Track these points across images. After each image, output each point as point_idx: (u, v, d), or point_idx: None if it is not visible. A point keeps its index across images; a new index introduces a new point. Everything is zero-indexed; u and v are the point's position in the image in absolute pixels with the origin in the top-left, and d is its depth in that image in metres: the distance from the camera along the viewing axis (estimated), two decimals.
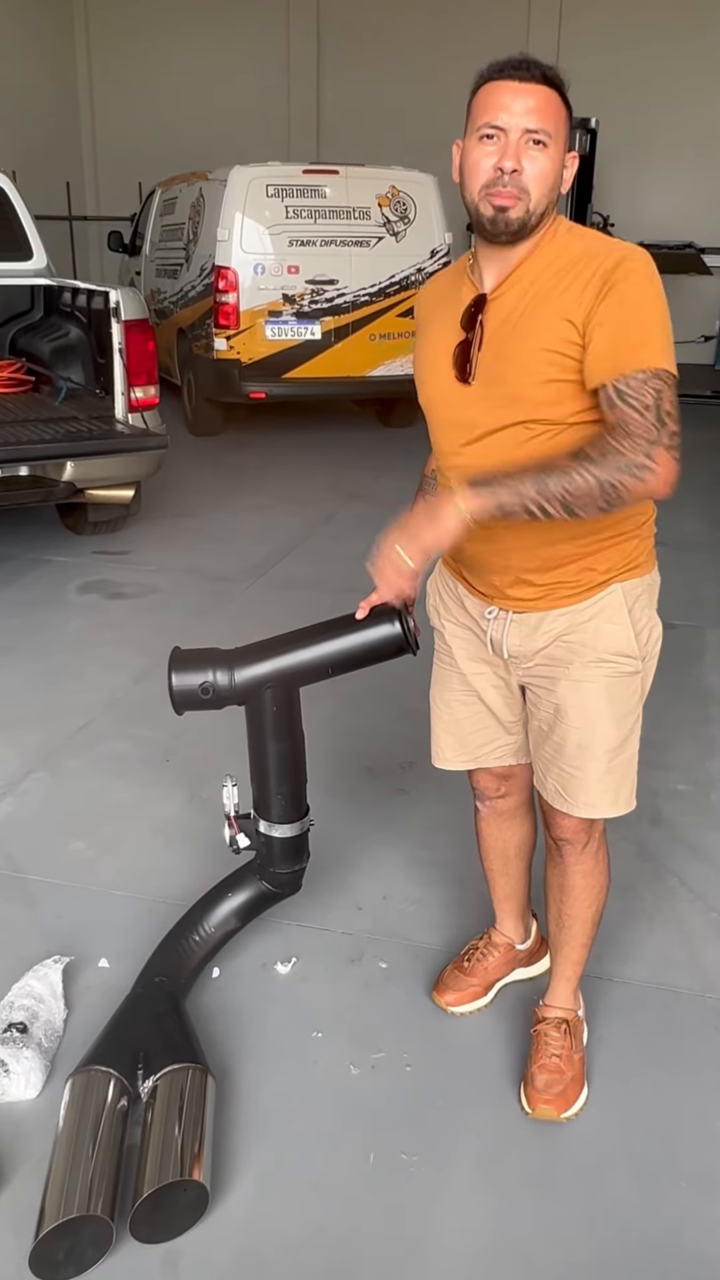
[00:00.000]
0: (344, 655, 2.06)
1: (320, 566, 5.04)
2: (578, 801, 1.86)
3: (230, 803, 2.19)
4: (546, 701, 1.84)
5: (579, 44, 11.34)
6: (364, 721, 3.44)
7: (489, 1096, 2.02)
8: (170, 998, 2.11)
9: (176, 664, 2.06)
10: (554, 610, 1.78)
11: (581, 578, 1.75)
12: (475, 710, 1.98)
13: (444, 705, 2.02)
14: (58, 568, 5.04)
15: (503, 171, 1.54)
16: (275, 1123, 1.96)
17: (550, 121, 1.54)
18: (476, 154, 1.57)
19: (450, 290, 1.76)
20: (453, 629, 1.95)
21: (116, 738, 3.38)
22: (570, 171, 1.61)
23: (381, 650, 2.04)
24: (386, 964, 2.37)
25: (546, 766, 1.88)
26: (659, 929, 2.50)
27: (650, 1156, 1.90)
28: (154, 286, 8.89)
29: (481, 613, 1.87)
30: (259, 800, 2.18)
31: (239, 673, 2.04)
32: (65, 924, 2.49)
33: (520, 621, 1.81)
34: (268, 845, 2.19)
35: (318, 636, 2.07)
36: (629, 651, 1.78)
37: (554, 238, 1.63)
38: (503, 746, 2.02)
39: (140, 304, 5.07)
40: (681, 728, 3.46)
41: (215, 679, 2.04)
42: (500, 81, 1.55)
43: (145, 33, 13.03)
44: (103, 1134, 1.80)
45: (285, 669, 2.06)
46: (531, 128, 1.53)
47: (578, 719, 1.80)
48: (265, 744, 2.11)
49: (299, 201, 7.33)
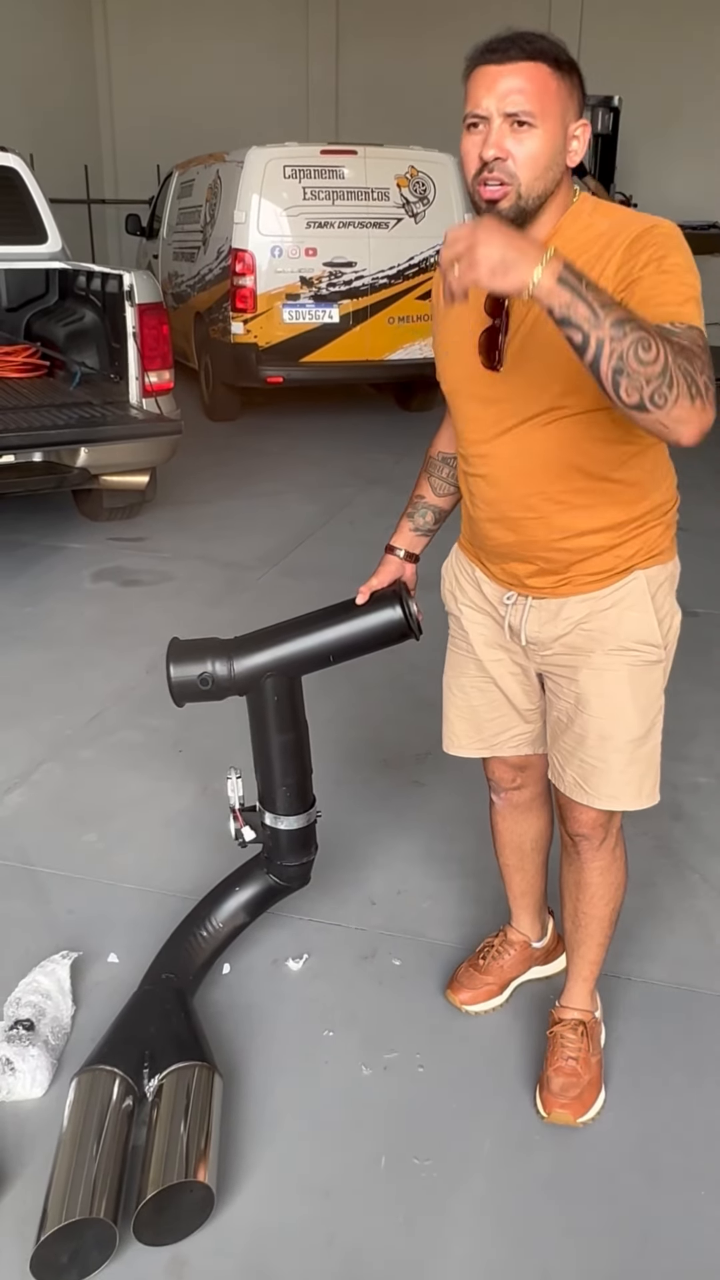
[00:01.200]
0: (345, 642, 2.02)
1: (337, 554, 4.98)
2: (600, 793, 1.80)
3: (235, 795, 2.14)
4: (567, 690, 1.79)
5: (602, 19, 11.16)
6: (379, 712, 3.39)
7: (504, 1099, 1.97)
8: (178, 995, 2.07)
9: (175, 655, 2.03)
10: (575, 596, 1.73)
11: (606, 565, 1.70)
12: (492, 697, 1.93)
13: (459, 691, 1.97)
14: (72, 555, 5.00)
15: (485, 161, 1.48)
16: (284, 1124, 1.92)
17: (534, 100, 1.45)
18: (466, 144, 1.51)
19: None
20: (470, 614, 1.90)
21: (129, 728, 3.35)
22: (581, 142, 1.52)
23: (383, 636, 2.01)
24: (400, 961, 2.32)
25: (566, 758, 1.83)
26: (679, 927, 2.44)
27: (670, 1163, 1.85)
28: (171, 270, 8.83)
29: (500, 597, 1.82)
30: (264, 792, 2.14)
31: (238, 663, 2.01)
32: (75, 918, 2.45)
33: (540, 607, 1.76)
34: (274, 838, 2.15)
35: (318, 623, 2.03)
36: (652, 640, 1.73)
37: (578, 216, 1.56)
38: (519, 735, 1.96)
39: (155, 287, 5.01)
40: (702, 718, 3.39)
41: (214, 669, 2.00)
42: (480, 67, 1.48)
43: (163, 14, 12.93)
44: (107, 1134, 1.77)
45: (285, 657, 2.02)
46: (511, 111, 1.45)
47: (600, 709, 1.75)
48: (268, 735, 2.07)
49: (317, 183, 7.23)
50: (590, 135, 1.55)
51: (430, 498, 2.02)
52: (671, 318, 1.39)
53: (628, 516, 1.67)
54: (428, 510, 2.02)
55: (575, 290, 1.26)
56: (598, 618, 1.72)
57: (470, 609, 1.89)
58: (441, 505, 2.02)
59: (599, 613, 1.72)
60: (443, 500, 2.01)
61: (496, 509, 1.72)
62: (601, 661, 1.73)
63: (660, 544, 1.73)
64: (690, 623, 1.86)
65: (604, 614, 1.72)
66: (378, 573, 2.04)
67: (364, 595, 2.02)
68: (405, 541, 2.04)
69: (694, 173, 11.43)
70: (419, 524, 2.03)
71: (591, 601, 1.72)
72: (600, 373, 1.28)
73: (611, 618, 1.72)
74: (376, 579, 2.03)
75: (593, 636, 1.73)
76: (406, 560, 2.05)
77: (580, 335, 1.27)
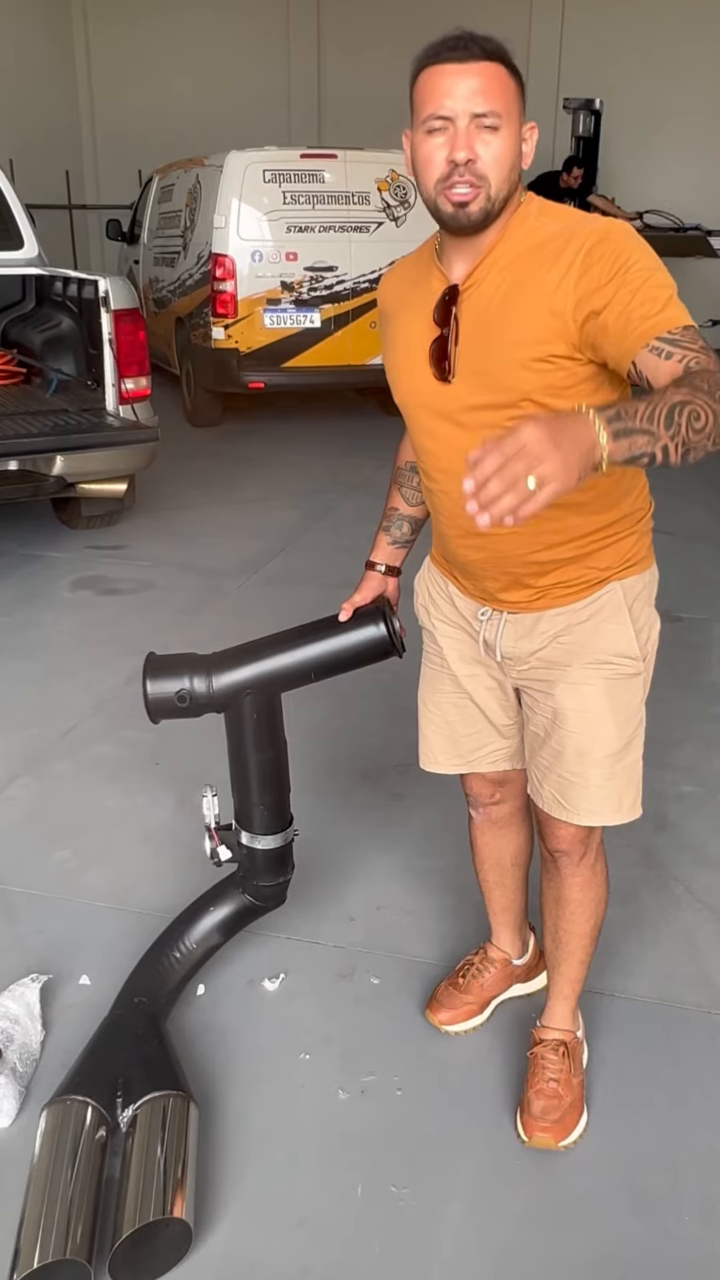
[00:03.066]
0: (327, 659, 1.97)
1: (318, 560, 4.94)
2: (578, 809, 1.76)
3: (210, 814, 2.09)
4: (544, 705, 1.74)
5: (584, 23, 11.14)
6: (358, 723, 3.34)
7: (484, 1123, 1.93)
8: (150, 1019, 2.01)
9: (151, 671, 1.98)
10: (550, 610, 1.69)
11: (579, 576, 1.66)
12: (468, 713, 1.89)
13: (435, 707, 1.93)
14: (50, 563, 4.94)
15: (456, 164, 1.43)
16: (259, 1152, 1.87)
17: (499, 100, 1.42)
18: (427, 148, 1.45)
19: (417, 280, 1.64)
20: (444, 629, 1.85)
21: (105, 741, 3.29)
22: (530, 145, 1.49)
23: (366, 653, 1.97)
24: (379, 979, 2.27)
25: (544, 773, 1.78)
26: (664, 940, 2.40)
27: (654, 1188, 1.80)
28: (152, 275, 8.77)
29: (474, 612, 1.77)
30: (240, 811, 2.09)
31: (217, 679, 1.96)
32: (46, 938, 2.40)
33: (515, 622, 1.72)
34: (250, 857, 2.10)
35: (299, 640, 1.99)
36: (630, 652, 1.69)
37: (525, 219, 1.51)
38: (497, 751, 1.92)
39: (131, 293, 4.96)
40: (688, 725, 3.35)
41: (192, 686, 1.95)
42: (439, 66, 1.42)
43: (144, 18, 12.85)
44: (80, 1168, 1.71)
45: (265, 674, 1.97)
46: (479, 111, 1.41)
47: (577, 723, 1.71)
48: (246, 753, 2.02)
49: (297, 187, 7.19)
50: (536, 137, 1.51)
51: (404, 508, 1.98)
52: (663, 327, 1.35)
53: (597, 525, 1.63)
54: (403, 521, 1.98)
55: (629, 430, 1.18)
56: (574, 630, 1.68)
57: (444, 624, 1.85)
58: (416, 515, 1.98)
59: (575, 625, 1.68)
60: (416, 510, 1.97)
61: (462, 525, 1.67)
62: (578, 675, 1.69)
63: (635, 553, 1.69)
64: (674, 628, 1.83)
65: (580, 627, 1.68)
66: (360, 589, 2.00)
67: (347, 612, 1.98)
68: (384, 556, 2.00)
69: (676, 175, 11.42)
70: (396, 536, 1.99)
71: (568, 615, 1.68)
72: (670, 465, 1.23)
73: (588, 630, 1.68)
74: (359, 595, 1.99)
75: (570, 650, 1.69)
76: (388, 575, 2.00)
77: (649, 458, 1.21)
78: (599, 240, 1.42)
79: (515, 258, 1.50)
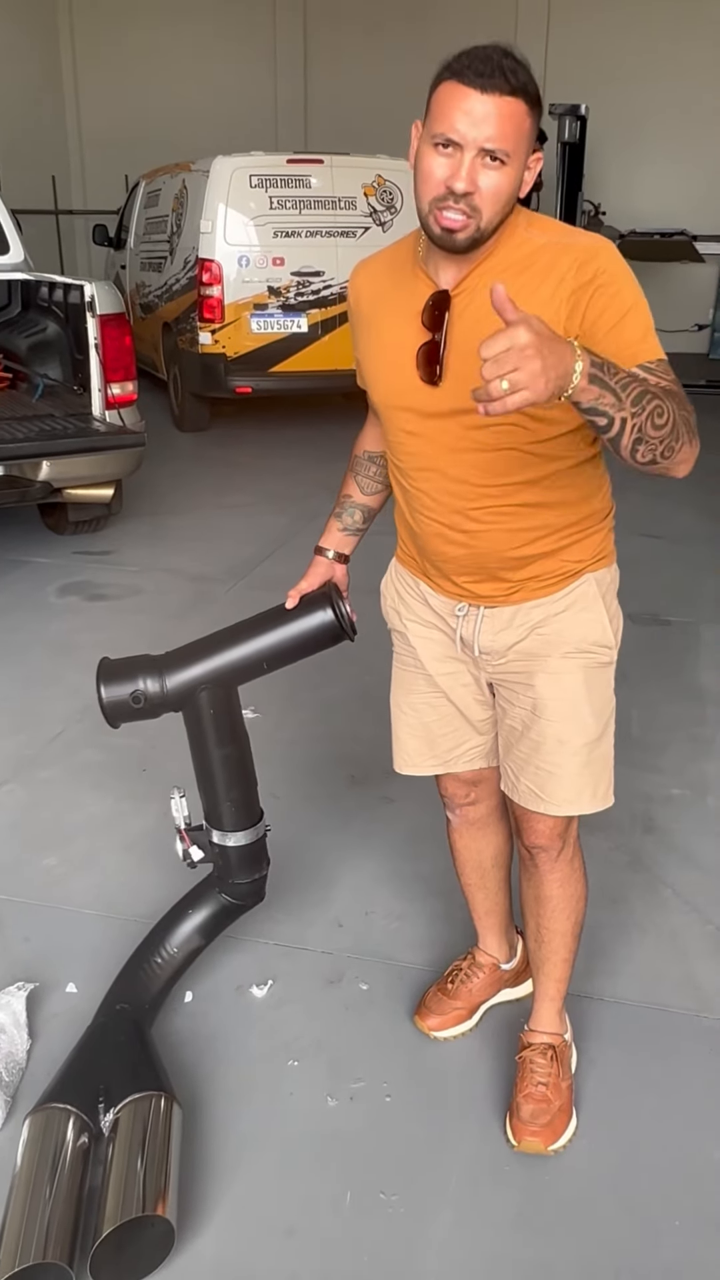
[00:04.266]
0: (278, 648, 1.98)
1: (305, 565, 4.91)
2: (556, 799, 1.77)
3: (180, 815, 2.08)
4: (523, 698, 1.75)
5: (568, 30, 11.19)
6: (345, 728, 3.33)
7: (473, 1128, 1.92)
8: (134, 1026, 2.00)
9: (104, 675, 1.98)
10: (528, 603, 1.71)
11: (555, 569, 1.69)
12: (444, 712, 1.89)
13: (409, 709, 1.92)
14: (38, 569, 4.92)
15: (453, 191, 1.43)
16: (247, 1159, 1.86)
17: (510, 139, 1.41)
18: (429, 161, 1.45)
19: (398, 280, 1.64)
20: (416, 629, 1.85)
21: (92, 747, 3.27)
22: (533, 174, 1.50)
23: (317, 639, 1.98)
24: (368, 985, 2.27)
25: (520, 767, 1.79)
26: (651, 943, 2.40)
27: (644, 1192, 1.80)
28: (139, 280, 8.76)
29: (450, 610, 1.78)
30: (209, 810, 2.08)
31: (170, 678, 1.96)
32: (33, 946, 2.38)
33: (493, 616, 1.73)
34: (223, 856, 2.08)
35: (248, 631, 1.99)
36: (605, 641, 1.73)
37: (514, 230, 1.53)
38: (474, 749, 1.92)
39: (116, 298, 4.95)
40: (675, 729, 3.36)
41: (146, 687, 1.95)
42: (463, 85, 1.40)
43: (130, 24, 12.86)
44: (61, 1176, 1.70)
45: (218, 669, 1.98)
46: (490, 147, 1.41)
47: (557, 712, 1.72)
48: (208, 749, 2.01)
49: (283, 192, 7.19)
50: (539, 167, 1.51)
51: (358, 496, 1.98)
52: (640, 359, 1.42)
53: (571, 519, 1.67)
54: (356, 509, 1.99)
55: (603, 382, 1.25)
56: (552, 621, 1.71)
57: (417, 624, 1.85)
58: (370, 504, 1.99)
59: (553, 616, 1.71)
60: (371, 499, 1.98)
61: (444, 524, 1.68)
62: (558, 665, 1.72)
63: (604, 547, 1.74)
64: (662, 632, 1.84)
65: (558, 618, 1.71)
66: (307, 575, 2.00)
67: (294, 599, 1.98)
68: (334, 542, 2.00)
69: (661, 180, 11.47)
70: (347, 524, 1.99)
71: (545, 606, 1.71)
72: (620, 445, 1.32)
73: (566, 621, 1.71)
74: (306, 581, 1.99)
75: (548, 640, 1.71)
76: (336, 561, 2.01)
77: (606, 419, 1.28)
78: (589, 259, 1.46)
79: (506, 267, 1.51)
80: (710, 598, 4.50)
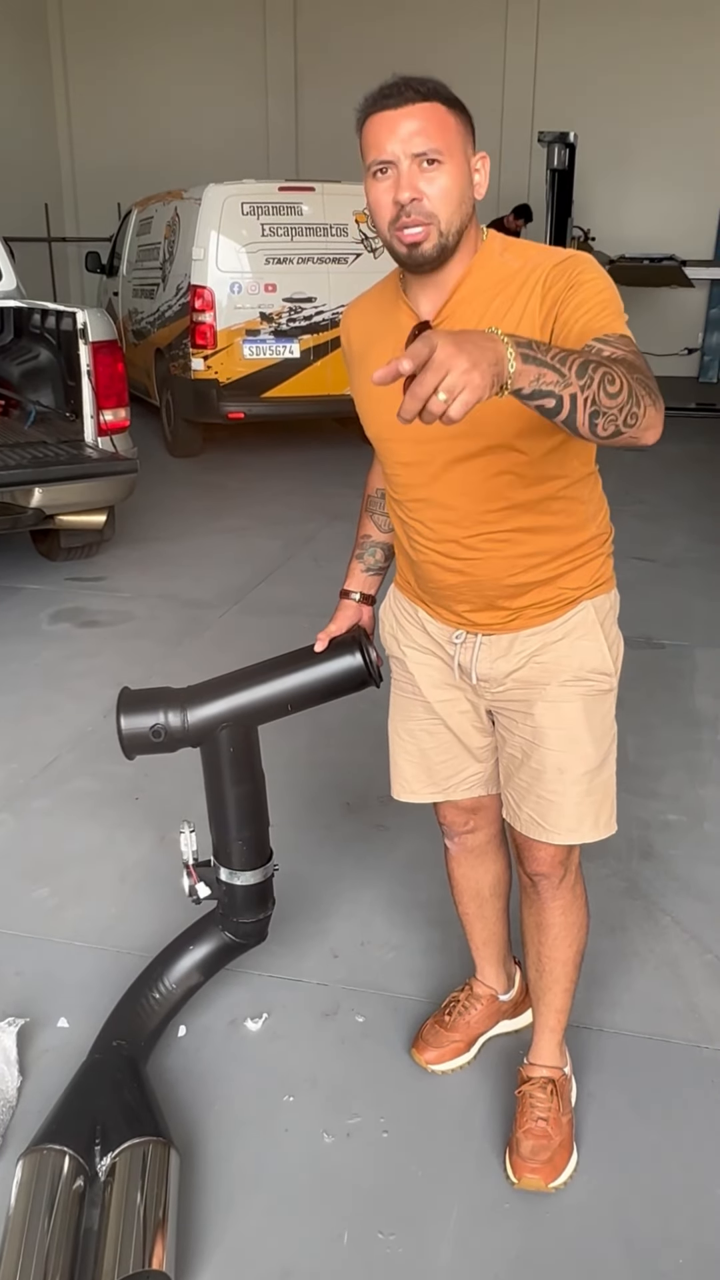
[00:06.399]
0: (303, 690, 1.95)
1: (300, 590, 4.92)
2: (559, 828, 1.75)
3: (189, 850, 2.06)
4: (522, 726, 1.74)
5: (556, 58, 11.33)
6: (341, 754, 3.31)
7: (472, 1165, 1.89)
8: (130, 1063, 1.97)
9: (125, 705, 1.94)
10: (526, 630, 1.70)
11: (554, 596, 1.68)
12: (442, 739, 1.87)
13: (407, 735, 1.90)
14: (30, 596, 4.90)
15: (401, 205, 1.45)
16: (242, 1199, 1.82)
17: (438, 137, 1.44)
18: (375, 192, 1.48)
19: (384, 317, 1.65)
20: (415, 655, 1.83)
21: (85, 775, 3.25)
22: (483, 175, 1.51)
23: (343, 683, 1.95)
24: (363, 1018, 2.23)
25: (521, 795, 1.77)
26: (651, 973, 2.37)
27: (646, 1228, 1.76)
28: (131, 307, 8.80)
29: (448, 637, 1.76)
30: (219, 847, 2.05)
31: (192, 713, 1.93)
32: (24, 980, 2.35)
33: (490, 644, 1.72)
34: (229, 894, 2.06)
35: (275, 671, 1.97)
36: (605, 669, 1.71)
37: (490, 257, 1.54)
38: (472, 776, 1.90)
39: (108, 325, 4.96)
40: (671, 754, 3.34)
41: (167, 720, 1.92)
42: (377, 114, 1.45)
43: (122, 53, 12.98)
44: (57, 1220, 1.67)
45: (241, 707, 1.95)
46: (419, 151, 1.43)
47: (557, 741, 1.71)
48: (223, 788, 1.99)
49: (275, 219, 7.24)
50: (489, 167, 1.53)
51: (376, 535, 1.97)
52: (601, 331, 1.39)
53: (570, 545, 1.66)
54: (376, 548, 1.97)
55: (539, 360, 1.19)
56: (550, 649, 1.69)
57: (415, 650, 1.83)
58: (388, 541, 1.98)
59: (551, 644, 1.69)
60: (389, 536, 1.97)
61: (439, 551, 1.67)
62: (556, 693, 1.70)
63: (603, 573, 1.73)
64: (657, 655, 1.82)
65: (556, 645, 1.69)
66: (335, 618, 1.99)
67: (322, 642, 1.97)
68: (359, 584, 1.99)
69: (650, 206, 11.58)
70: (369, 563, 1.98)
71: (543, 634, 1.69)
72: (577, 423, 1.24)
73: (564, 649, 1.69)
74: (335, 625, 1.98)
75: (547, 669, 1.70)
76: (362, 603, 1.99)
77: (553, 400, 1.21)
78: (558, 263, 1.48)
79: (482, 292, 1.52)
80: (704, 621, 4.49)
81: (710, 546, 5.49)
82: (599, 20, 11.19)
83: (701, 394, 10.44)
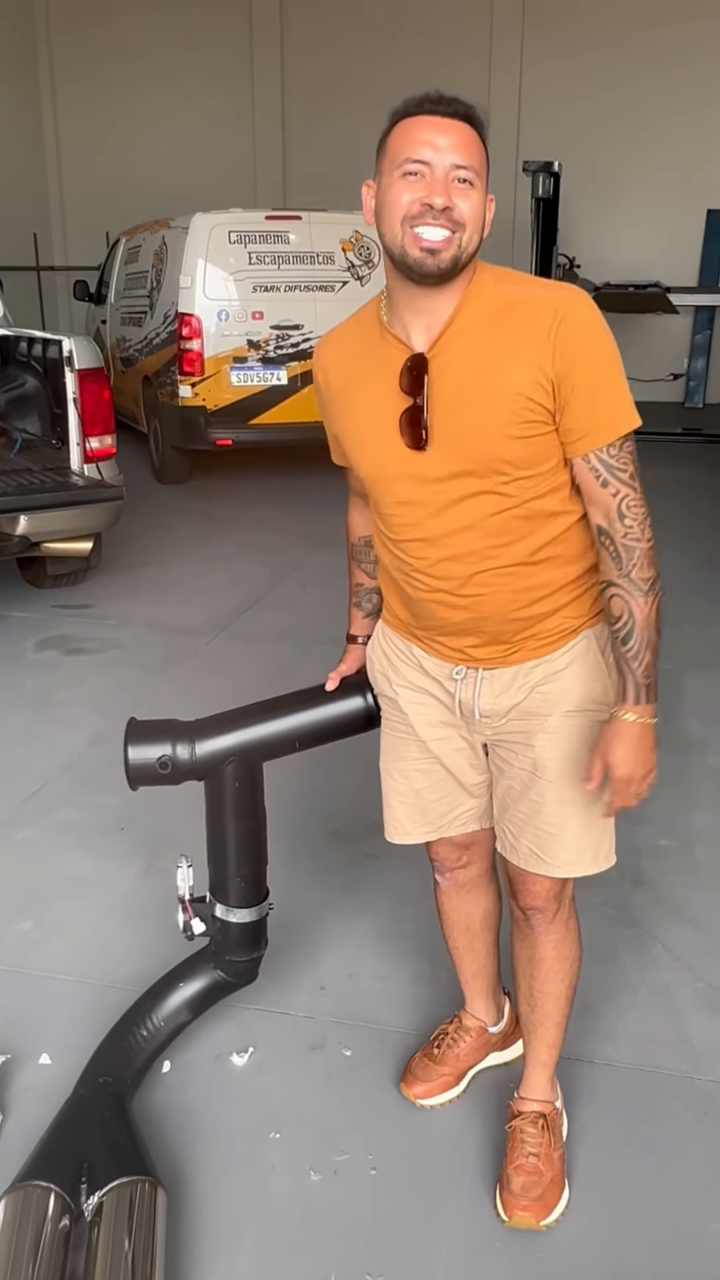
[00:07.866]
0: (312, 728, 1.95)
1: (287, 617, 4.90)
2: (559, 861, 1.72)
3: (185, 885, 2.03)
4: (522, 758, 1.71)
5: (541, 87, 11.46)
6: (329, 782, 3.28)
7: (462, 1202, 1.85)
8: (116, 1100, 1.93)
9: (134, 736, 1.92)
10: (528, 662, 1.67)
11: (556, 627, 1.66)
12: (436, 778, 1.84)
13: (400, 776, 1.87)
14: (15, 623, 4.88)
15: (432, 207, 1.43)
16: (229, 1239, 1.78)
17: (475, 160, 1.44)
18: (398, 190, 1.45)
19: (369, 352, 1.61)
20: (408, 694, 1.80)
21: (70, 805, 3.21)
22: (490, 215, 1.51)
23: (351, 724, 1.97)
24: (351, 1051, 2.20)
25: (520, 828, 1.74)
26: (643, 1002, 2.34)
27: (640, 1266, 1.73)
28: (119, 334, 8.83)
29: (448, 673, 1.73)
30: (216, 882, 2.02)
31: (200, 746, 1.91)
32: (5, 1015, 2.31)
33: (492, 678, 1.69)
34: (224, 931, 2.03)
35: (284, 708, 1.96)
36: (605, 699, 1.69)
37: (482, 286, 1.53)
38: (466, 813, 1.87)
39: (95, 353, 4.96)
40: (661, 779, 3.28)
41: (175, 752, 1.90)
42: (423, 116, 1.44)
43: (111, 83, 13.08)
44: (42, 1260, 1.62)
45: (249, 742, 1.93)
46: (459, 164, 1.43)
47: (558, 772, 1.68)
48: (225, 823, 1.96)
49: (262, 247, 7.28)
50: (494, 209, 1.53)
51: (368, 583, 1.96)
52: (614, 436, 1.51)
53: (572, 576, 1.64)
54: (371, 594, 1.96)
55: (650, 683, 1.62)
56: (553, 680, 1.67)
57: (409, 689, 1.80)
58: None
59: (554, 675, 1.67)
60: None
61: (444, 590, 1.64)
62: (557, 724, 1.68)
63: (599, 602, 1.69)
64: None
65: (559, 675, 1.67)
66: (345, 660, 1.99)
67: (334, 681, 1.96)
68: (362, 628, 1.99)
69: (634, 233, 11.69)
70: (368, 609, 1.98)
71: (545, 665, 1.67)
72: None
73: (566, 679, 1.67)
74: (345, 665, 1.99)
75: (549, 699, 1.68)
76: (365, 645, 1.98)
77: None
78: (569, 314, 1.47)
79: (481, 323, 1.50)
80: (691, 645, 4.49)
81: (697, 571, 5.50)
82: (582, 51, 11.33)
83: (687, 419, 10.51)
